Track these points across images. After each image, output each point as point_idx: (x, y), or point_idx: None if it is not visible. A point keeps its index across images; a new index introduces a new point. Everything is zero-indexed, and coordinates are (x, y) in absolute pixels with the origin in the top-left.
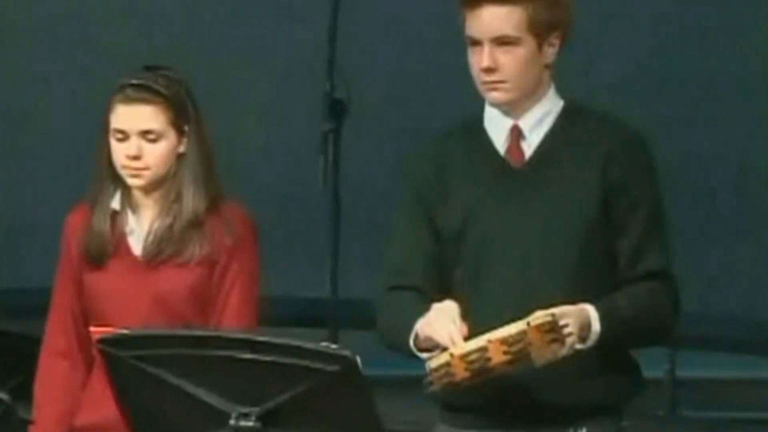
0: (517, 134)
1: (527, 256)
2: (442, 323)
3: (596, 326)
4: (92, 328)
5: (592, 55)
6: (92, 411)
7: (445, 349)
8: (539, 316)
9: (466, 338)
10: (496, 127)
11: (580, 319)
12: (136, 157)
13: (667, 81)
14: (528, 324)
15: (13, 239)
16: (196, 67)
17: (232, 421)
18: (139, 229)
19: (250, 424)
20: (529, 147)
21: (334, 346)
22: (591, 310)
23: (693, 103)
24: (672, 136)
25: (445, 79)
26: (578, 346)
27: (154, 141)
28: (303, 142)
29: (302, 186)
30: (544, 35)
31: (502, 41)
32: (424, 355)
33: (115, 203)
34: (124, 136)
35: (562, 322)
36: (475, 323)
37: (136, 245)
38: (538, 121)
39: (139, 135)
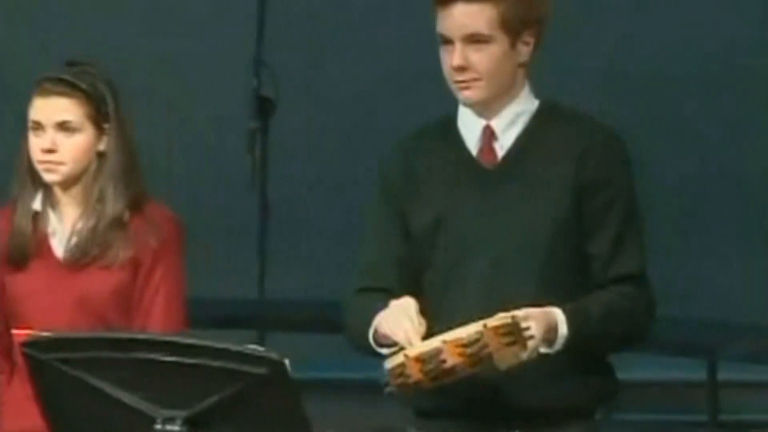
0: (489, 135)
1: (498, 258)
2: (398, 321)
3: (563, 330)
4: (14, 331)
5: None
6: (14, 418)
7: (402, 348)
8: (498, 318)
9: (425, 337)
10: (469, 127)
11: (545, 322)
12: (51, 150)
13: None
14: (485, 326)
15: None
16: (119, 63)
17: (157, 426)
18: (62, 230)
19: (176, 428)
20: (501, 148)
21: (261, 348)
22: (558, 314)
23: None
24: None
25: (379, 75)
26: (544, 350)
27: (69, 134)
28: (231, 141)
29: (229, 185)
30: (518, 33)
31: (473, 39)
32: (384, 351)
33: (37, 204)
34: (41, 129)
35: (523, 325)
36: (446, 325)
37: (59, 246)
38: (511, 122)
39: (55, 128)
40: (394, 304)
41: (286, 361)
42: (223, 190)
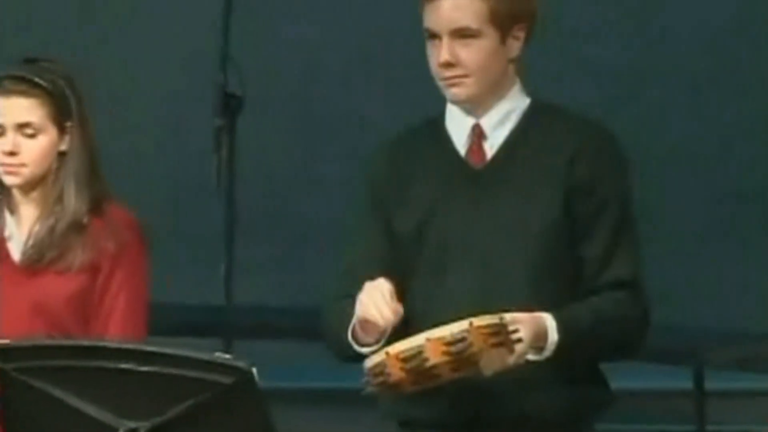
0: (478, 134)
1: (486, 262)
2: (372, 299)
3: (553, 336)
4: None
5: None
6: None
7: (383, 347)
8: (486, 317)
9: (402, 335)
10: (458, 126)
11: (535, 327)
12: (13, 153)
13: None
14: (471, 324)
15: None
16: (79, 61)
17: None
18: (19, 233)
19: None
20: (491, 147)
21: (227, 356)
22: (548, 319)
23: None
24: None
25: (348, 71)
26: (532, 357)
27: (32, 136)
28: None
29: (195, 185)
30: (508, 27)
31: (461, 34)
32: (365, 350)
33: None
34: (1, 131)
35: (511, 328)
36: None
37: (16, 251)
38: (501, 120)
39: (17, 129)
40: (368, 285)
41: (254, 370)
42: (188, 191)
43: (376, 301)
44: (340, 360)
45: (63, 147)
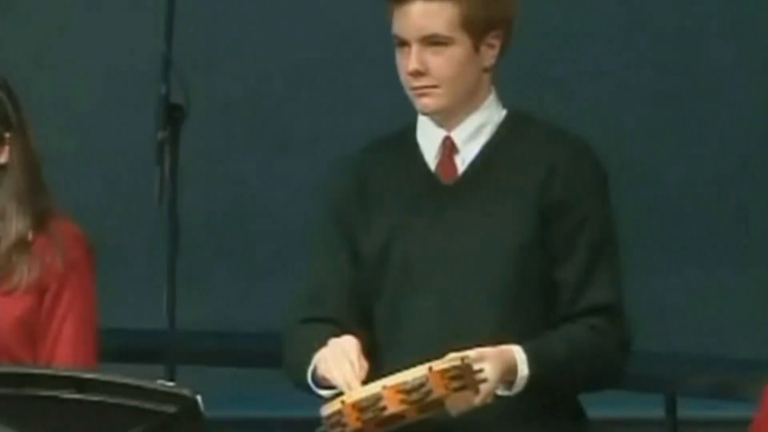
0: (449, 147)
1: (453, 286)
2: (337, 363)
3: (524, 371)
4: None
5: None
6: None
7: (339, 393)
8: (446, 360)
9: (370, 378)
10: (428, 138)
11: (502, 363)
12: None
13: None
14: (430, 369)
15: None
16: (18, 69)
17: None
18: None
19: None
20: (462, 162)
21: (170, 384)
22: (518, 353)
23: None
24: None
25: (300, 78)
26: (502, 393)
27: None
28: (138, 153)
29: (136, 202)
30: (482, 34)
31: (432, 41)
32: (324, 393)
33: None
34: None
35: (476, 367)
36: (396, 361)
37: None
38: (474, 133)
39: None
40: (334, 343)
41: (198, 398)
42: (131, 207)
43: (341, 365)
44: (296, 388)
45: (2, 159)
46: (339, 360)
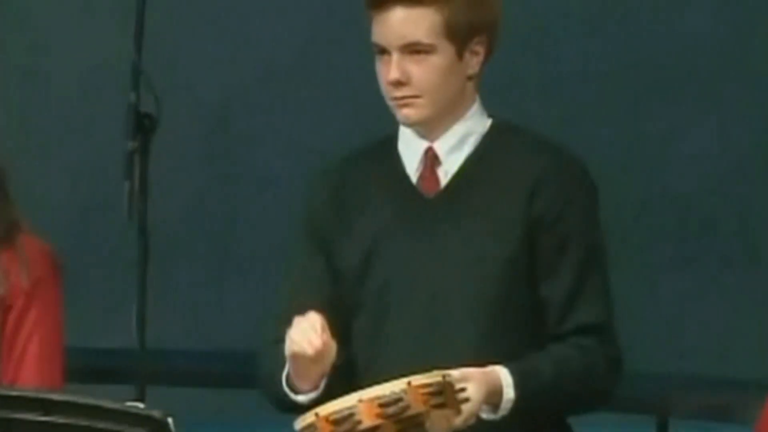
0: (431, 158)
1: (435, 303)
2: (301, 332)
3: (509, 393)
4: None
5: None
6: None
7: (316, 402)
8: (426, 375)
9: (346, 386)
10: (410, 150)
11: (487, 384)
12: None
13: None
14: (409, 383)
15: None
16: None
17: None
18: None
19: None
20: (445, 174)
21: (141, 405)
22: (503, 374)
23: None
24: None
25: (272, 88)
26: (486, 416)
27: None
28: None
29: (107, 216)
30: (465, 41)
31: (413, 49)
32: (300, 398)
33: None
34: None
35: (458, 386)
36: (375, 379)
37: None
38: (457, 144)
39: None
40: (298, 319)
41: (170, 420)
42: (100, 222)
43: (305, 330)
44: (278, 410)
45: None
46: (303, 329)
